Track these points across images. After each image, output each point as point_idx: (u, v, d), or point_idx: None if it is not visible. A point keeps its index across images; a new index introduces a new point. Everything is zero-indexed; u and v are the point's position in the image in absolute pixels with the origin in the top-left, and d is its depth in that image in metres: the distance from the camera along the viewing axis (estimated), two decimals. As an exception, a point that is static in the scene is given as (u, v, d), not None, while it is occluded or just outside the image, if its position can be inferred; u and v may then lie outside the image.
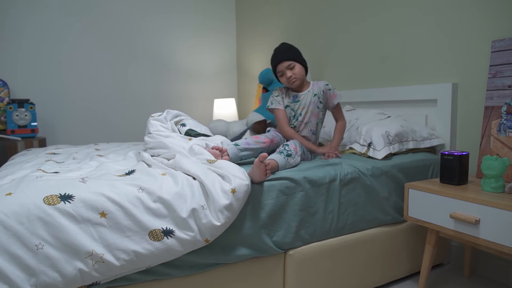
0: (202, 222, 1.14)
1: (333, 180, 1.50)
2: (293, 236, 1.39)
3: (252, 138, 1.68)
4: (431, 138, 1.89)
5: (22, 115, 2.72)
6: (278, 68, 1.83)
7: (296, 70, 1.81)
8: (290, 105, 1.87)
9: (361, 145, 1.84)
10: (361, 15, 2.44)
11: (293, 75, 1.80)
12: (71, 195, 1.03)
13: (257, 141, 1.67)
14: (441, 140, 1.90)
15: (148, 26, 3.51)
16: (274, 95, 1.90)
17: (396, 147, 1.78)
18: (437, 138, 1.90)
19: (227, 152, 1.55)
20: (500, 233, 1.25)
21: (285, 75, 1.82)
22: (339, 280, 1.54)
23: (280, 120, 1.85)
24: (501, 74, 1.66)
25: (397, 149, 1.78)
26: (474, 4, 1.79)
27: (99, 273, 1.02)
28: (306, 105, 1.85)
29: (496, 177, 1.38)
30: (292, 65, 1.81)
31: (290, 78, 1.81)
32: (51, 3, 3.06)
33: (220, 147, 1.54)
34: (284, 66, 1.81)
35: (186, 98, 3.78)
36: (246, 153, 1.62)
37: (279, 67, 1.82)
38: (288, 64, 1.80)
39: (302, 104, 1.85)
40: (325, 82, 1.88)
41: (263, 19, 3.54)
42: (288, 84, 1.84)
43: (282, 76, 1.84)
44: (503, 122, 1.63)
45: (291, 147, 1.62)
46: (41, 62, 3.06)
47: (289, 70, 1.80)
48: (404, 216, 1.62)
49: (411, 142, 1.83)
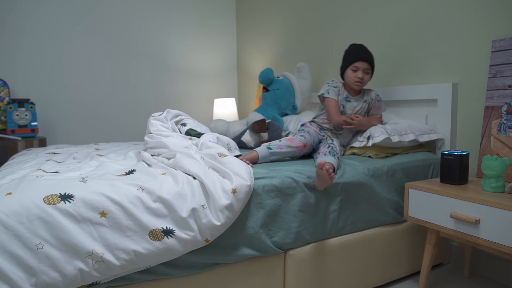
0: (202, 222, 1.14)
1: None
2: (293, 236, 1.39)
3: (285, 141, 1.70)
4: (430, 133, 1.88)
5: (22, 115, 2.72)
6: (357, 63, 1.85)
7: (367, 77, 1.88)
8: (341, 102, 1.91)
9: (360, 141, 1.85)
10: (361, 15, 2.43)
11: (364, 79, 1.86)
12: (71, 194, 1.03)
13: (290, 145, 1.69)
14: (440, 135, 1.90)
15: (149, 26, 3.51)
16: (332, 85, 1.92)
17: (397, 137, 1.77)
18: (436, 133, 1.89)
19: (257, 155, 1.63)
20: (500, 233, 1.25)
21: (357, 73, 1.85)
22: (339, 280, 1.54)
23: (334, 110, 1.87)
24: (501, 74, 1.66)
25: (397, 139, 1.76)
26: (474, 4, 1.79)
27: (99, 273, 1.02)
28: (355, 108, 1.93)
29: (496, 177, 1.38)
30: (368, 71, 1.87)
31: (359, 80, 1.85)
32: (52, 3, 3.06)
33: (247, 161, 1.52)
34: (364, 66, 1.85)
35: (187, 98, 3.78)
36: (276, 157, 1.67)
37: (359, 63, 1.85)
38: (367, 66, 1.86)
39: (353, 106, 1.93)
40: (376, 92, 1.97)
41: (264, 19, 3.54)
42: (351, 81, 1.87)
43: (355, 71, 1.86)
44: (503, 122, 1.63)
45: (337, 149, 1.67)
46: (41, 61, 3.06)
47: (364, 72, 1.85)
48: (404, 216, 1.62)
49: (411, 134, 1.82)
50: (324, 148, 1.69)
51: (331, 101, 1.90)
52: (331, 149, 1.64)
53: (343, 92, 1.93)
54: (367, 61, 1.86)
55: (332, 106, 1.88)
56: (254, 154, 1.64)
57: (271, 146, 1.66)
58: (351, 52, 1.89)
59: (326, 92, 1.92)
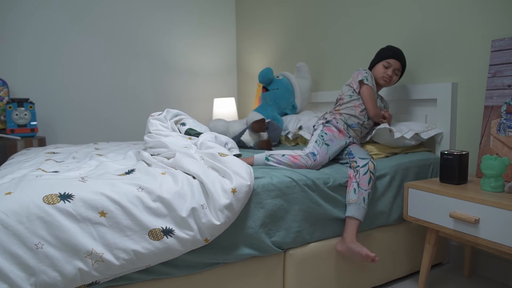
0: (202, 222, 1.14)
1: (333, 181, 1.50)
2: (293, 236, 1.39)
3: (289, 157, 1.57)
4: (428, 130, 1.88)
5: (22, 115, 2.72)
6: (391, 61, 1.84)
7: (395, 78, 1.88)
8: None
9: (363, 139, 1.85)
10: (361, 15, 2.43)
11: (393, 78, 1.86)
12: (70, 194, 1.03)
13: (291, 163, 1.56)
14: (438, 130, 1.89)
15: (148, 26, 3.50)
16: (370, 75, 1.84)
17: (398, 134, 1.76)
18: (434, 129, 1.89)
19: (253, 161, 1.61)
20: (499, 233, 1.25)
21: (388, 70, 1.84)
22: (339, 280, 1.54)
23: (373, 99, 1.82)
24: (501, 73, 1.66)
25: (398, 135, 1.76)
26: (474, 4, 1.79)
27: (99, 273, 1.02)
28: (379, 105, 1.94)
29: (495, 177, 1.38)
30: (398, 72, 1.87)
31: (388, 77, 1.84)
32: (51, 3, 3.05)
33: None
34: (397, 65, 1.85)
35: (186, 98, 3.78)
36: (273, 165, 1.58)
37: (393, 61, 1.84)
38: (399, 66, 1.86)
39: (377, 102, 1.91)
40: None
41: (263, 18, 3.53)
42: (379, 76, 1.85)
43: (387, 68, 1.84)
44: (503, 121, 1.63)
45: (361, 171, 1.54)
46: (41, 61, 3.05)
47: (394, 72, 1.85)
48: (404, 216, 1.62)
49: (410, 132, 1.81)
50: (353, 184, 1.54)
51: (371, 89, 1.81)
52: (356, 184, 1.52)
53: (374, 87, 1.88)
54: (401, 62, 1.87)
55: (371, 95, 1.81)
56: (250, 160, 1.62)
57: (270, 158, 1.59)
58: (388, 49, 1.88)
59: (365, 79, 1.81)
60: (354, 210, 1.48)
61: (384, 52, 1.88)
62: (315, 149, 1.62)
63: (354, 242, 1.44)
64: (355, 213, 1.47)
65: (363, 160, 1.57)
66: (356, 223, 1.48)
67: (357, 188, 1.51)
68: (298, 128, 2.34)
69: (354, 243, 1.43)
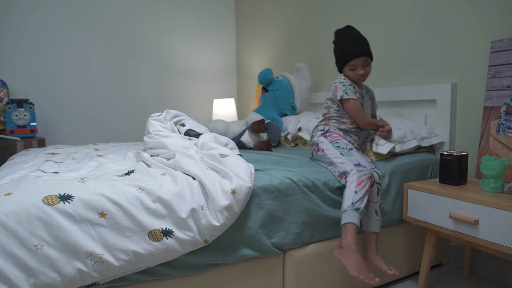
0: (202, 223, 1.14)
1: (333, 183, 1.50)
2: (293, 237, 1.39)
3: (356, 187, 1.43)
4: (430, 137, 1.88)
5: (21, 115, 2.72)
6: (354, 61, 1.66)
7: (368, 68, 1.69)
8: (360, 100, 1.73)
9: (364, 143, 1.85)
10: (361, 15, 2.44)
11: (366, 73, 1.69)
12: (70, 195, 1.03)
13: (365, 188, 1.43)
14: (440, 138, 1.90)
15: (148, 26, 3.51)
16: (347, 85, 1.68)
17: (398, 147, 1.78)
18: (436, 137, 1.90)
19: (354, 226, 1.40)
20: (499, 233, 1.25)
21: (356, 71, 1.68)
22: (338, 281, 1.54)
23: (359, 111, 1.68)
24: (500, 74, 1.66)
25: (399, 149, 1.77)
26: (473, 5, 1.80)
27: (99, 273, 1.02)
28: (366, 105, 1.78)
29: (495, 177, 1.38)
30: (368, 62, 1.68)
31: (362, 76, 1.69)
32: (50, 4, 3.05)
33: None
34: (362, 61, 1.66)
35: (186, 98, 3.78)
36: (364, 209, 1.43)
37: (354, 61, 1.66)
38: (364, 60, 1.67)
39: (364, 103, 1.77)
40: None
41: (263, 19, 3.54)
42: (354, 79, 1.70)
43: (353, 70, 1.68)
44: (502, 122, 1.63)
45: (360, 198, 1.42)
46: (41, 62, 3.05)
47: (363, 66, 1.67)
48: (404, 216, 1.62)
49: (413, 140, 1.82)
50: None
51: (354, 102, 1.68)
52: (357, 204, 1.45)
53: (356, 90, 1.73)
54: (364, 54, 1.66)
55: (356, 107, 1.67)
56: (351, 228, 1.38)
57: (356, 205, 1.40)
58: (342, 51, 1.70)
59: (344, 94, 1.67)
60: (370, 224, 1.52)
61: (342, 56, 1.70)
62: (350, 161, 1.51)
63: (375, 255, 1.51)
64: (372, 227, 1.52)
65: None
66: (373, 237, 1.52)
67: (367, 202, 1.50)
68: (297, 129, 2.34)
69: (374, 258, 1.51)
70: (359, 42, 1.66)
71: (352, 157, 1.54)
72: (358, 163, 1.50)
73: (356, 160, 1.52)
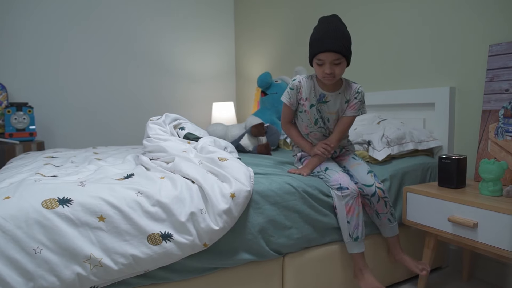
0: (201, 226, 1.14)
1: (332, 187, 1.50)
2: (292, 242, 1.38)
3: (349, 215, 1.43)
4: (428, 140, 1.89)
5: (20, 119, 2.72)
6: (321, 56, 1.41)
7: (339, 69, 1.43)
8: (316, 105, 1.53)
9: (361, 145, 1.85)
10: (359, 19, 2.45)
11: (334, 73, 1.42)
12: (69, 199, 1.03)
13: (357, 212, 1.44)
14: (439, 142, 1.91)
15: (147, 30, 3.51)
16: (289, 87, 1.55)
17: (396, 149, 1.78)
18: (435, 140, 1.90)
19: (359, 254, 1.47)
20: (498, 237, 1.25)
21: (323, 67, 1.42)
22: (338, 285, 1.54)
23: (284, 117, 1.62)
24: (498, 78, 1.67)
25: (396, 151, 1.78)
26: (472, 9, 1.81)
27: (97, 277, 1.02)
28: (334, 110, 1.54)
29: (494, 181, 1.39)
30: (338, 61, 1.41)
31: (329, 76, 1.43)
32: (50, 7, 3.06)
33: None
34: (330, 58, 1.40)
35: (185, 102, 3.79)
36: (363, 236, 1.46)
37: (323, 55, 1.40)
38: (335, 58, 1.40)
39: (331, 108, 1.54)
40: (358, 87, 1.54)
41: (262, 23, 3.55)
42: (321, 77, 1.46)
43: (320, 65, 1.43)
44: (501, 125, 1.64)
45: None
46: (40, 65, 3.06)
47: (332, 65, 1.41)
48: (403, 220, 1.62)
49: (410, 143, 1.83)
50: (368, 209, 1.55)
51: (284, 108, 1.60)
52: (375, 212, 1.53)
53: (316, 91, 1.52)
54: (334, 50, 1.38)
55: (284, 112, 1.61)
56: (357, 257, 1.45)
57: (354, 235, 1.43)
58: (314, 39, 1.45)
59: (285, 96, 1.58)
60: (385, 231, 1.57)
61: (312, 44, 1.45)
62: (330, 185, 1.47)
63: (400, 255, 1.58)
64: (388, 233, 1.57)
65: (369, 188, 1.49)
66: (392, 240, 1.58)
67: (377, 214, 1.54)
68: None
69: (400, 256, 1.58)
70: (335, 36, 1.39)
71: (331, 179, 1.47)
72: (339, 185, 1.43)
73: (336, 181, 1.45)
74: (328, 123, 1.58)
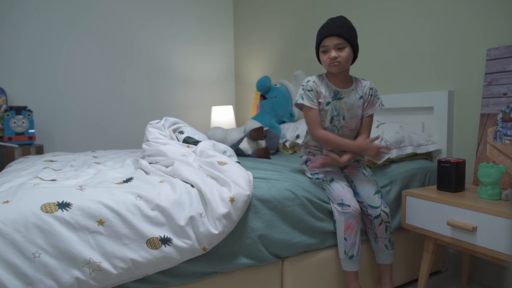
0: (200, 231, 1.14)
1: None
2: (291, 246, 1.38)
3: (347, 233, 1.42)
4: (427, 144, 1.89)
5: (20, 122, 2.72)
6: (324, 41, 1.45)
7: (343, 53, 1.44)
8: (332, 102, 1.51)
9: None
10: (359, 22, 2.46)
11: (339, 57, 1.44)
12: (68, 203, 1.03)
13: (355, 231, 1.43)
14: (438, 145, 1.91)
15: (146, 34, 3.52)
16: (306, 89, 1.51)
17: (395, 152, 1.79)
18: (434, 144, 1.91)
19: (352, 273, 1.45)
20: (497, 240, 1.25)
21: (328, 53, 1.45)
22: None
23: (313, 122, 1.50)
24: (497, 82, 1.67)
25: (395, 155, 1.78)
26: (470, 13, 1.82)
27: (96, 282, 1.02)
28: (352, 106, 1.52)
29: (492, 184, 1.39)
30: (341, 46, 1.44)
31: (333, 60, 1.44)
32: (49, 10, 3.07)
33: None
34: (333, 42, 1.43)
35: (184, 106, 3.79)
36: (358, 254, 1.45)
37: (326, 41, 1.44)
38: (338, 42, 1.43)
39: (347, 104, 1.52)
40: (371, 84, 1.56)
41: (261, 26, 3.56)
42: (327, 65, 1.47)
43: (324, 52, 1.47)
44: (499, 129, 1.64)
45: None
46: (39, 69, 3.06)
47: (337, 49, 1.44)
48: (402, 224, 1.62)
49: (409, 147, 1.84)
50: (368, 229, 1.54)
51: (307, 110, 1.51)
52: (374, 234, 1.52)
53: (330, 89, 1.51)
54: (336, 34, 1.43)
55: (310, 117, 1.50)
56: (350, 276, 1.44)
57: (349, 253, 1.42)
58: (319, 32, 1.50)
59: (300, 98, 1.51)
60: (380, 257, 1.54)
61: (318, 35, 1.50)
62: (332, 197, 1.46)
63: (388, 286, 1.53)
64: (383, 260, 1.53)
65: (374, 210, 1.48)
66: (385, 268, 1.54)
67: (376, 238, 1.53)
68: (295, 136, 2.35)
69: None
70: (339, 25, 1.45)
71: (333, 193, 1.45)
72: (341, 201, 1.42)
73: (338, 196, 1.43)
74: (343, 120, 1.53)
